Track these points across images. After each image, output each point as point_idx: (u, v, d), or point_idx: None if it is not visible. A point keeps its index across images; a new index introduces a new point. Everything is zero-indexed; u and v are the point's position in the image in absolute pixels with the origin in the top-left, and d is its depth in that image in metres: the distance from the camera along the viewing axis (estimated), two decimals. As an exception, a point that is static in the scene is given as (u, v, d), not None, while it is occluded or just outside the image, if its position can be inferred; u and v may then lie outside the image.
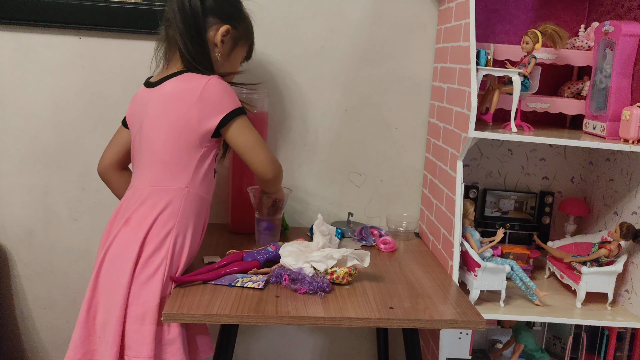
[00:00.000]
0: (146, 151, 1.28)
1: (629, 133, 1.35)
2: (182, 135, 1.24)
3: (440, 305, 1.20)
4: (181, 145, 1.24)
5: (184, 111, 1.23)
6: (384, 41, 1.70)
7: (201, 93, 1.23)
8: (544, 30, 1.46)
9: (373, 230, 1.63)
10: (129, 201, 1.29)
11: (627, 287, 1.47)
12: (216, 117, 1.24)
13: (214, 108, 1.24)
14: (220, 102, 1.25)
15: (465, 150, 1.38)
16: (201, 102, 1.23)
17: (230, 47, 1.36)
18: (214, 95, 1.24)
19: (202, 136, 1.25)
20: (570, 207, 1.70)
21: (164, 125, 1.25)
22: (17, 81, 1.65)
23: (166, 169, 1.26)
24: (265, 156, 1.31)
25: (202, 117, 1.23)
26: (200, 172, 1.27)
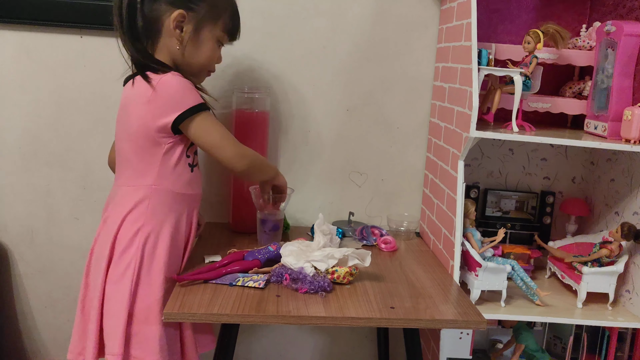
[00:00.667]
0: (117, 151, 1.29)
1: (630, 133, 1.35)
2: (139, 135, 1.21)
3: (441, 305, 1.20)
4: (140, 144, 1.22)
5: (139, 113, 1.20)
6: (385, 41, 1.70)
7: (152, 94, 1.18)
8: (545, 30, 1.46)
9: (374, 229, 1.63)
10: (108, 200, 1.30)
11: (628, 287, 1.47)
12: (171, 115, 1.19)
13: (168, 106, 1.19)
14: (174, 99, 1.19)
15: (466, 150, 1.38)
16: (154, 102, 1.18)
17: (192, 33, 1.25)
18: (166, 93, 1.18)
19: (160, 134, 1.21)
20: (571, 207, 1.70)
21: (125, 126, 1.24)
22: (19, 80, 1.65)
23: (131, 168, 1.25)
24: (233, 152, 1.26)
25: (156, 115, 1.19)
26: (168, 169, 1.24)
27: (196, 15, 1.24)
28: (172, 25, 1.22)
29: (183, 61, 1.27)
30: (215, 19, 1.27)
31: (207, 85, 1.67)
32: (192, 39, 1.25)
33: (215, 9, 1.27)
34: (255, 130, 1.60)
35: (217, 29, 1.29)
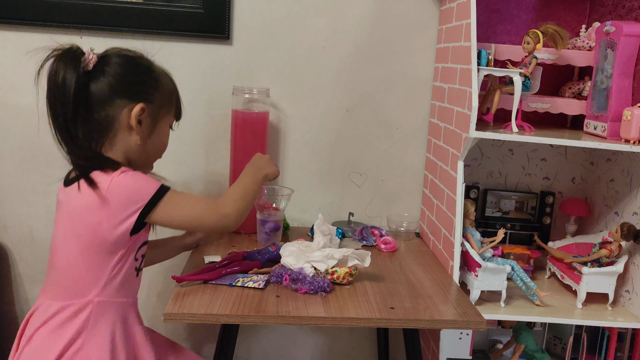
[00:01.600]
0: (51, 259, 1.15)
1: (629, 133, 1.35)
2: (91, 244, 1.08)
3: (441, 306, 1.20)
4: (89, 254, 1.08)
5: (90, 222, 1.07)
6: (385, 41, 1.70)
7: (104, 199, 1.05)
8: (545, 31, 1.46)
9: (374, 230, 1.63)
10: (30, 319, 1.13)
11: (628, 287, 1.47)
12: (132, 216, 1.06)
13: (127, 207, 1.06)
14: (131, 198, 1.07)
15: (466, 150, 1.38)
16: (108, 208, 1.05)
17: (149, 124, 1.15)
18: (120, 195, 1.06)
19: (117, 242, 1.08)
20: (571, 207, 1.70)
21: (69, 234, 1.10)
22: (19, 80, 1.65)
23: (70, 280, 1.10)
24: (214, 218, 1.15)
25: (113, 224, 1.06)
26: (116, 278, 1.11)
27: (153, 107, 1.15)
28: (133, 121, 1.11)
29: (140, 154, 1.17)
30: (169, 107, 1.20)
31: (207, 86, 1.68)
32: (149, 131, 1.16)
33: (168, 96, 1.20)
34: (255, 130, 1.60)
35: (170, 115, 1.22)
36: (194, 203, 1.17)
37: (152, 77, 1.17)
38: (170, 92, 1.21)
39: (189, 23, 1.63)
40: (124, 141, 1.14)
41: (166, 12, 1.62)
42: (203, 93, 1.69)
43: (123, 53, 1.16)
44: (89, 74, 1.10)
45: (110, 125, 1.12)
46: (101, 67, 1.11)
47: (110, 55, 1.15)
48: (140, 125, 1.13)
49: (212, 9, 1.63)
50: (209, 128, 1.71)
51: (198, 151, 1.72)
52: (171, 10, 1.62)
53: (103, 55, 1.14)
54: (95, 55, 1.12)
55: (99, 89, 1.10)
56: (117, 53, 1.16)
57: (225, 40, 1.66)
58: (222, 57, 1.67)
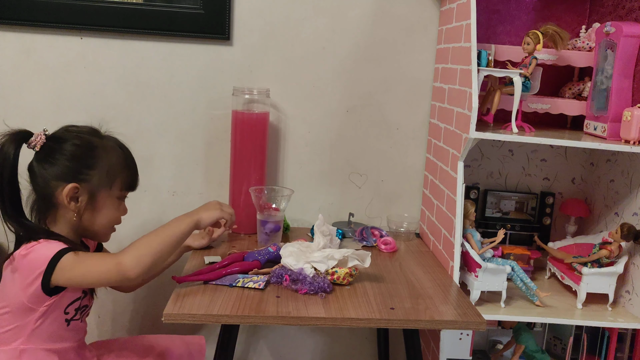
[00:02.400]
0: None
1: (629, 134, 1.35)
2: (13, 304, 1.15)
3: (441, 306, 1.20)
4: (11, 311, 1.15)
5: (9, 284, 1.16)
6: (385, 42, 1.71)
7: (15, 264, 1.14)
8: (545, 31, 1.46)
9: (374, 230, 1.63)
10: None
11: (628, 288, 1.47)
12: (35, 281, 1.12)
13: (32, 272, 1.12)
14: (36, 262, 1.12)
15: (466, 150, 1.38)
16: (19, 272, 1.13)
17: (88, 202, 1.20)
18: (27, 260, 1.12)
19: (32, 301, 1.14)
20: (571, 207, 1.70)
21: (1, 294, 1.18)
22: (19, 81, 1.65)
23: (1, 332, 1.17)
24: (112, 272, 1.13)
25: (24, 286, 1.13)
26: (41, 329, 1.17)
27: (89, 185, 1.20)
28: (65, 200, 1.17)
29: (86, 228, 1.23)
30: (110, 183, 1.23)
31: (207, 86, 1.68)
32: (90, 207, 1.21)
33: (109, 173, 1.22)
34: (255, 131, 1.61)
35: (115, 190, 1.24)
36: (90, 261, 1.16)
37: (90, 157, 1.21)
38: (111, 168, 1.23)
39: (189, 23, 1.63)
40: (65, 217, 1.21)
41: (166, 13, 1.62)
42: (203, 93, 1.69)
43: (64, 135, 1.22)
44: (36, 154, 1.20)
45: (50, 202, 1.20)
46: (46, 148, 1.19)
47: (54, 137, 1.21)
48: (77, 202, 1.20)
49: (212, 10, 1.63)
50: (209, 128, 1.71)
51: (198, 152, 1.72)
52: (171, 11, 1.62)
53: (53, 135, 1.22)
54: (44, 136, 1.19)
55: (38, 169, 1.19)
56: (60, 135, 1.22)
57: (225, 41, 1.66)
58: (222, 58, 1.68)
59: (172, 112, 1.69)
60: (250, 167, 1.61)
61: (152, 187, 1.72)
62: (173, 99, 1.69)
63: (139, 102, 1.68)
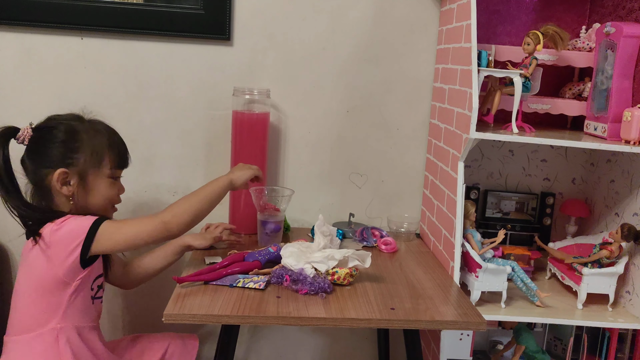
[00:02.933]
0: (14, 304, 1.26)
1: (630, 134, 1.35)
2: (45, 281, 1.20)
3: (441, 306, 1.20)
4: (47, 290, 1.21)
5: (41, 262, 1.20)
6: (385, 42, 1.71)
7: (49, 242, 1.19)
8: (545, 32, 1.46)
9: (374, 231, 1.63)
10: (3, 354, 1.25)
11: (628, 288, 1.47)
12: (75, 250, 1.18)
13: (69, 244, 1.19)
14: (71, 235, 1.19)
15: (466, 151, 1.38)
16: (54, 247, 1.19)
17: (79, 184, 1.25)
18: (61, 234, 1.18)
19: (68, 274, 1.20)
20: (571, 208, 1.70)
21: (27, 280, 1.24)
22: (20, 81, 1.65)
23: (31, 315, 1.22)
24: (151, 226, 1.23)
25: (61, 258, 1.19)
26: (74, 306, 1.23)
27: (77, 168, 1.24)
28: (57, 185, 1.23)
29: (86, 208, 1.27)
30: (98, 163, 1.27)
31: (208, 87, 1.68)
32: (82, 189, 1.26)
33: (95, 153, 1.26)
34: (255, 131, 1.61)
35: (104, 169, 1.28)
36: (133, 222, 1.26)
37: (74, 141, 1.25)
38: (96, 150, 1.27)
39: (190, 24, 1.63)
40: (62, 202, 1.26)
41: (167, 13, 1.62)
42: (203, 94, 1.69)
43: (49, 124, 1.27)
44: (26, 148, 1.26)
45: (45, 190, 1.25)
46: (33, 139, 1.25)
47: (39, 128, 1.27)
48: (69, 186, 1.24)
49: (212, 10, 1.63)
50: (209, 129, 1.71)
51: (198, 152, 1.72)
52: (172, 11, 1.62)
53: (38, 126, 1.27)
54: (30, 130, 1.25)
55: (29, 161, 1.25)
56: (45, 125, 1.27)
57: (225, 41, 1.66)
58: (222, 58, 1.68)
59: (172, 112, 1.69)
60: (251, 167, 1.61)
61: (153, 187, 1.72)
62: (173, 99, 1.69)
63: (140, 102, 1.68)
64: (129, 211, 1.70)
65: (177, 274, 1.25)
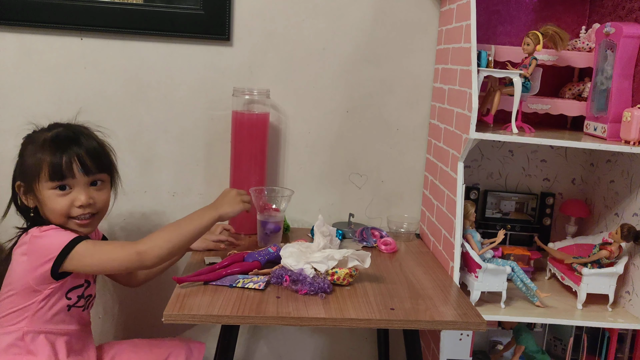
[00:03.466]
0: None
1: (629, 134, 1.35)
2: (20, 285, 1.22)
3: (441, 306, 1.20)
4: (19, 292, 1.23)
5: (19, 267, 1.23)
6: (385, 42, 1.71)
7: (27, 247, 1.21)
8: (545, 32, 1.46)
9: (374, 231, 1.63)
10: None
11: (628, 288, 1.47)
12: (47, 264, 1.20)
13: (41, 257, 1.20)
14: (47, 248, 1.20)
15: (466, 151, 1.38)
16: (30, 254, 1.21)
17: (33, 196, 1.26)
18: (38, 247, 1.21)
19: (38, 283, 1.22)
20: (571, 208, 1.70)
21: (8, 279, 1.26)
22: (19, 81, 1.65)
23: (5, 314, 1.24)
24: (127, 254, 1.21)
25: (33, 267, 1.20)
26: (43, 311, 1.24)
27: (24, 181, 1.27)
28: (22, 197, 1.28)
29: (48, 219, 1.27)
30: (32, 180, 1.24)
31: (208, 87, 1.68)
32: (38, 202, 1.26)
33: (35, 164, 1.23)
34: (255, 132, 1.61)
35: (42, 184, 1.24)
36: (108, 248, 1.26)
37: (21, 155, 1.29)
38: (35, 162, 1.24)
39: (190, 24, 1.63)
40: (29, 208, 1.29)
41: (166, 14, 1.62)
42: (203, 94, 1.69)
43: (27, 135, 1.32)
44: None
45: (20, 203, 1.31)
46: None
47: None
48: (26, 197, 1.27)
49: (212, 10, 1.63)
50: (209, 129, 1.71)
51: (198, 152, 1.72)
52: (171, 12, 1.62)
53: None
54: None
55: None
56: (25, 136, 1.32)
57: (225, 42, 1.66)
58: (222, 58, 1.68)
59: (172, 113, 1.69)
60: (251, 167, 1.61)
61: (152, 188, 1.72)
62: (173, 100, 1.69)
63: (139, 103, 1.68)
64: (127, 212, 1.71)
65: (177, 274, 1.25)
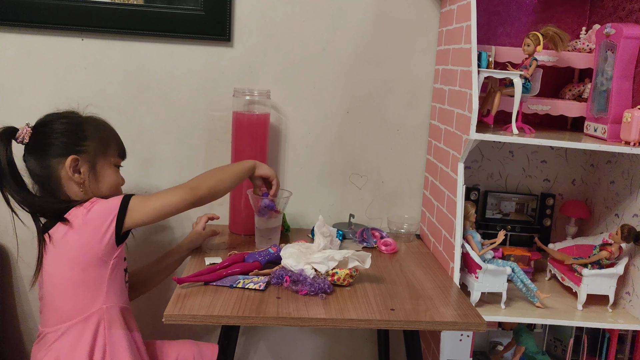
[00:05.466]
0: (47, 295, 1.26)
1: (630, 135, 1.35)
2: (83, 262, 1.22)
3: (441, 307, 1.20)
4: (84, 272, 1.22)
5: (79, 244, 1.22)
6: (385, 43, 1.71)
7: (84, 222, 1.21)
8: (545, 33, 1.46)
9: (374, 231, 1.63)
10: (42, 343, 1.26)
11: (628, 289, 1.47)
12: (110, 226, 1.21)
13: (103, 221, 1.21)
14: (104, 213, 1.22)
15: (466, 152, 1.38)
16: (88, 227, 1.21)
17: (89, 171, 1.28)
18: (95, 215, 1.21)
19: (106, 252, 1.23)
20: (571, 209, 1.70)
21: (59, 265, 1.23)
22: (20, 82, 1.65)
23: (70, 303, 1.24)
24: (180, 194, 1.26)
25: (97, 236, 1.21)
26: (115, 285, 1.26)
27: (87, 155, 1.27)
28: (69, 173, 1.25)
29: (96, 195, 1.28)
30: (105, 150, 1.31)
31: (208, 87, 1.68)
32: (92, 177, 1.29)
33: (102, 141, 1.31)
34: (256, 132, 1.61)
35: (110, 157, 1.32)
36: (161, 193, 1.28)
37: (80, 130, 1.29)
38: (102, 138, 1.31)
39: (190, 25, 1.63)
40: (72, 191, 1.28)
41: (167, 14, 1.62)
42: (204, 95, 1.69)
43: (49, 118, 1.30)
44: (26, 147, 1.27)
45: (57, 181, 1.26)
46: (35, 135, 1.27)
47: (40, 123, 1.29)
48: (80, 174, 1.27)
49: (212, 11, 1.63)
50: (209, 130, 1.71)
51: (199, 153, 1.72)
52: (172, 12, 1.63)
53: (37, 123, 1.29)
54: (29, 129, 1.27)
55: (34, 157, 1.26)
56: (46, 120, 1.29)
57: (226, 42, 1.67)
58: (222, 59, 1.68)
59: (172, 113, 1.69)
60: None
61: (153, 188, 1.72)
62: (174, 100, 1.69)
63: (140, 103, 1.68)
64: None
65: (177, 275, 1.25)
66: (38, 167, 1.27)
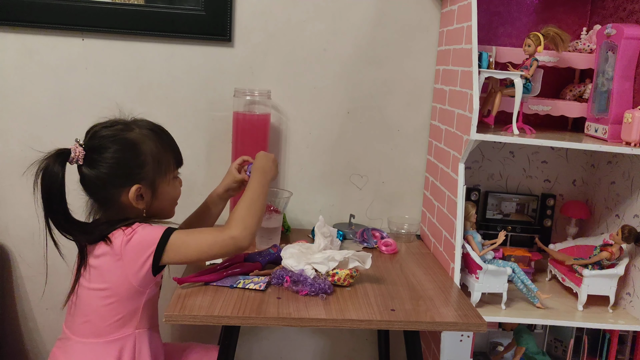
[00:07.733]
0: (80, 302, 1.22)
1: (630, 136, 1.35)
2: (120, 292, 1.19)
3: (442, 308, 1.20)
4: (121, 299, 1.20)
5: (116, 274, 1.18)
6: (386, 43, 1.71)
7: (120, 254, 1.16)
8: (546, 33, 1.46)
9: (374, 232, 1.63)
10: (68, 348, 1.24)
11: (629, 290, 1.47)
12: (147, 261, 1.17)
13: (140, 254, 1.16)
14: (141, 245, 1.17)
15: (467, 152, 1.38)
16: (126, 257, 1.16)
17: (151, 194, 1.24)
18: (132, 246, 1.16)
19: (143, 284, 1.19)
20: (571, 209, 1.70)
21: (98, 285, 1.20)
22: (21, 82, 1.65)
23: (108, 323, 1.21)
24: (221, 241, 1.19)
25: (134, 269, 1.17)
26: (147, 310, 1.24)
27: (147, 180, 1.23)
28: (134, 202, 1.21)
29: (154, 212, 1.27)
30: (165, 170, 1.26)
31: (209, 88, 1.69)
32: (154, 198, 1.25)
33: (160, 161, 1.24)
34: (256, 133, 1.61)
35: (169, 174, 1.27)
36: (200, 236, 1.21)
37: (136, 156, 1.22)
38: (158, 159, 1.24)
39: (191, 25, 1.63)
40: (133, 210, 1.23)
41: (168, 14, 1.63)
42: (204, 95, 1.69)
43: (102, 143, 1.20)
44: (82, 168, 1.21)
45: (119, 206, 1.22)
46: (88, 160, 1.20)
47: (93, 147, 1.20)
48: (143, 199, 1.23)
49: (213, 11, 1.63)
50: (210, 130, 1.71)
51: (199, 153, 1.72)
52: (173, 12, 1.63)
53: (90, 146, 1.21)
54: (82, 150, 1.19)
55: (93, 181, 1.21)
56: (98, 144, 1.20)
57: (226, 42, 1.67)
58: (223, 59, 1.68)
59: (173, 114, 1.69)
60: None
61: (153, 188, 1.72)
62: (174, 100, 1.69)
63: (141, 103, 1.68)
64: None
65: (178, 275, 1.25)
66: (97, 193, 1.22)
